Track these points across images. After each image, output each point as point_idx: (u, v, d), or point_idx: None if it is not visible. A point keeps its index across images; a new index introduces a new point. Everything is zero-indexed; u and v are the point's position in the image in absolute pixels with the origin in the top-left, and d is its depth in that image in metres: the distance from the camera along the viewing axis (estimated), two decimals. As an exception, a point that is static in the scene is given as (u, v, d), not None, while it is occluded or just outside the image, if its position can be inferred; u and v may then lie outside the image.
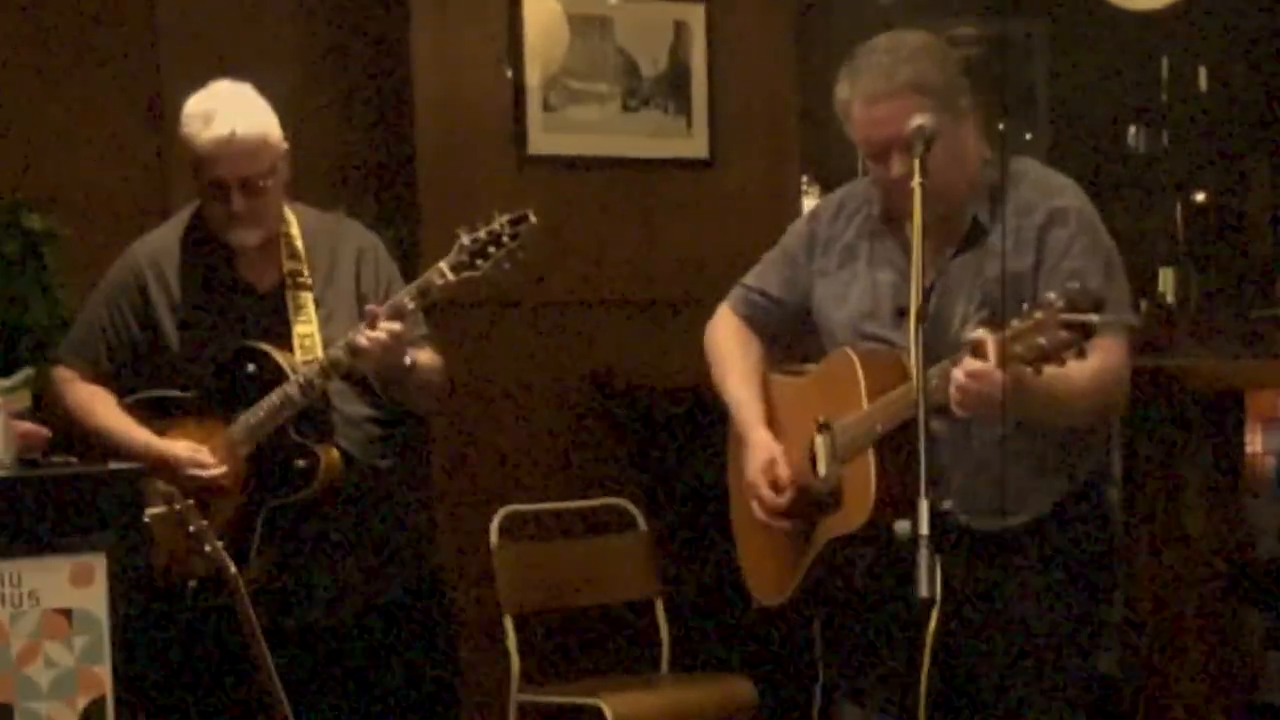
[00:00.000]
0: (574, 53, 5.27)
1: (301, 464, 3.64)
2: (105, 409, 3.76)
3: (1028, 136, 6.94)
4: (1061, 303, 2.71)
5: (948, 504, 3.10)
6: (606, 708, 4.61)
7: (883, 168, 3.14)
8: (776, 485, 3.29)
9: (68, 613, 3.03)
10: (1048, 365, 2.76)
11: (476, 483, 5.15)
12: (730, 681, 4.89)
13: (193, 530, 3.46)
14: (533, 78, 5.20)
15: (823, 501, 3.24)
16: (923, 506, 2.68)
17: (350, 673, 3.74)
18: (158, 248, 3.80)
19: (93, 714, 3.03)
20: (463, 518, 5.08)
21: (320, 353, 3.63)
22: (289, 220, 3.76)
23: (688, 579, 5.25)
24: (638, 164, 5.39)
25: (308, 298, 3.71)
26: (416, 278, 3.64)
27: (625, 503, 5.24)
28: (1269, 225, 7.01)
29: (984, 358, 2.83)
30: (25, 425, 3.35)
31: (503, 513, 5.08)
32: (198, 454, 3.66)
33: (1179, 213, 6.93)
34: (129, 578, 3.06)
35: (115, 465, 3.29)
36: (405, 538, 3.84)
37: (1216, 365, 4.09)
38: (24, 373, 3.57)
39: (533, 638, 5.07)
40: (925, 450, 2.73)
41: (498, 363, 5.20)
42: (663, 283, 5.37)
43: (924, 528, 2.67)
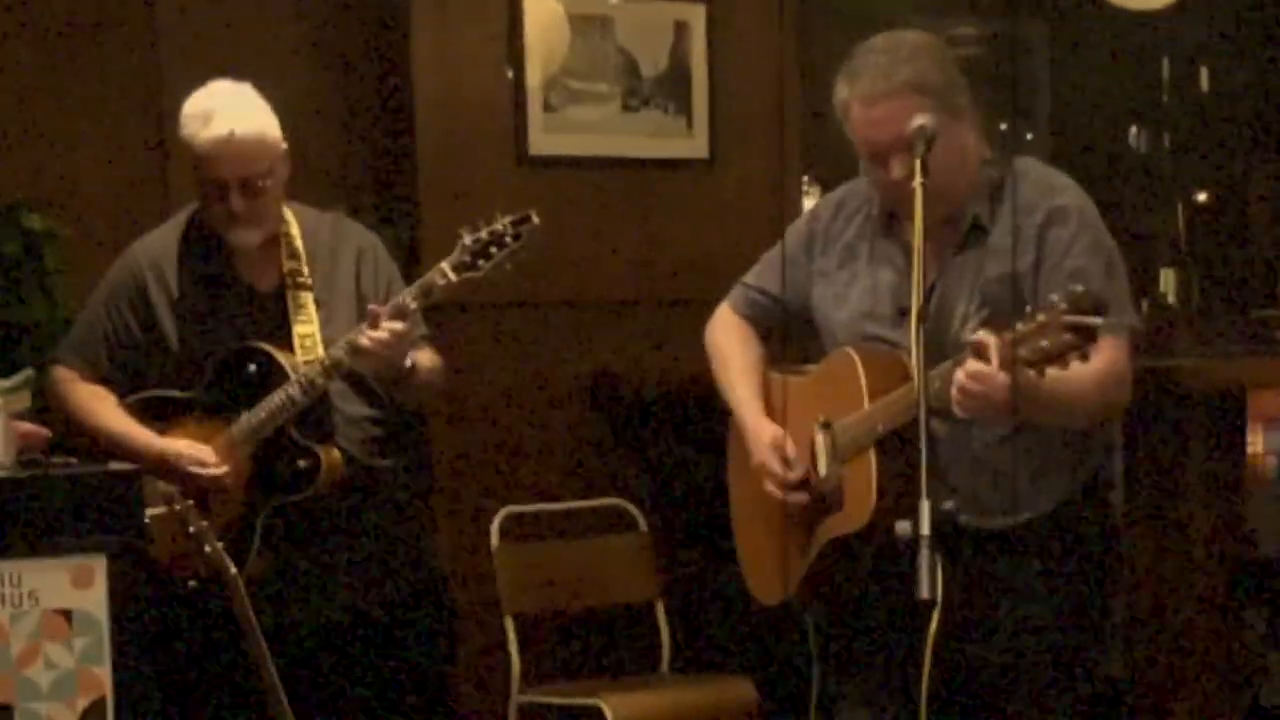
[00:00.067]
0: (574, 53, 5.26)
1: (302, 464, 3.64)
2: (105, 409, 3.75)
3: (1028, 136, 6.93)
4: (1065, 305, 2.71)
5: (949, 504, 3.10)
6: (607, 708, 4.61)
7: (881, 168, 3.13)
8: (786, 461, 3.28)
9: (68, 613, 3.02)
10: (1050, 367, 2.75)
11: (477, 483, 5.15)
12: (730, 682, 4.88)
13: (193, 531, 3.45)
14: (533, 78, 5.19)
15: (824, 501, 3.23)
16: (923, 507, 2.68)
17: (350, 673, 3.74)
18: (158, 248, 3.80)
19: (93, 715, 3.02)
20: (463, 518, 5.08)
21: (321, 353, 3.63)
22: (289, 220, 3.75)
23: (688, 579, 5.25)
24: (638, 164, 5.39)
25: (308, 298, 3.71)
26: (417, 278, 3.64)
27: (625, 503, 5.23)
28: (1270, 225, 7.00)
29: (986, 359, 2.83)
30: (25, 425, 3.35)
31: (503, 513, 5.08)
32: (199, 452, 3.65)
33: (1180, 213, 6.91)
34: (129, 578, 3.06)
35: (115, 465, 3.29)
36: (405, 538, 3.83)
37: (1218, 365, 4.09)
38: (24, 373, 3.56)
39: (533, 638, 5.06)
40: (926, 450, 2.73)
41: (498, 363, 5.20)
42: (663, 283, 5.36)
43: (925, 528, 2.67)
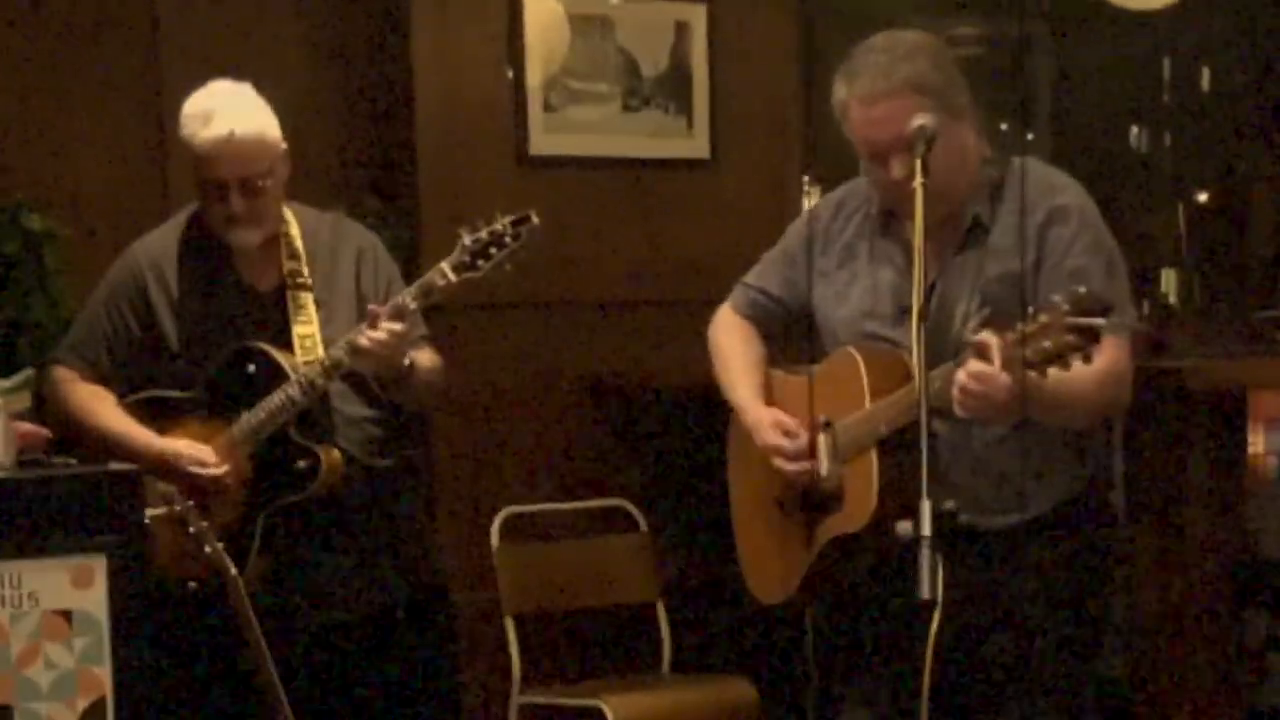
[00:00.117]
0: (575, 53, 5.26)
1: (302, 465, 3.64)
2: (105, 409, 3.75)
3: (1029, 137, 6.92)
4: (1068, 306, 2.70)
5: (949, 504, 3.09)
6: (607, 709, 4.60)
7: (881, 168, 3.13)
8: (790, 434, 3.27)
9: (68, 614, 3.02)
10: (1053, 368, 2.75)
11: (477, 484, 5.14)
12: (731, 682, 4.88)
13: (193, 531, 3.45)
14: (533, 78, 5.19)
15: (825, 501, 3.23)
16: (924, 507, 2.67)
17: (351, 674, 3.73)
18: (157, 248, 3.79)
19: (93, 715, 3.02)
20: (463, 518, 5.08)
21: (321, 353, 3.63)
22: (289, 220, 3.75)
23: (688, 580, 5.25)
24: (638, 164, 5.39)
25: (308, 298, 3.71)
26: (417, 278, 3.64)
27: (626, 504, 5.23)
28: (1271, 225, 6.99)
29: (988, 360, 2.83)
30: (25, 426, 3.35)
31: (503, 514, 5.08)
32: (199, 452, 3.65)
33: (1181, 213, 6.91)
34: (129, 579, 3.05)
35: (115, 465, 3.28)
36: (406, 538, 3.83)
37: (1219, 365, 4.07)
38: (24, 373, 3.56)
39: (533, 639, 5.06)
40: (926, 450, 2.72)
41: (498, 363, 5.19)
42: (662, 283, 5.36)
43: (925, 528, 2.66)
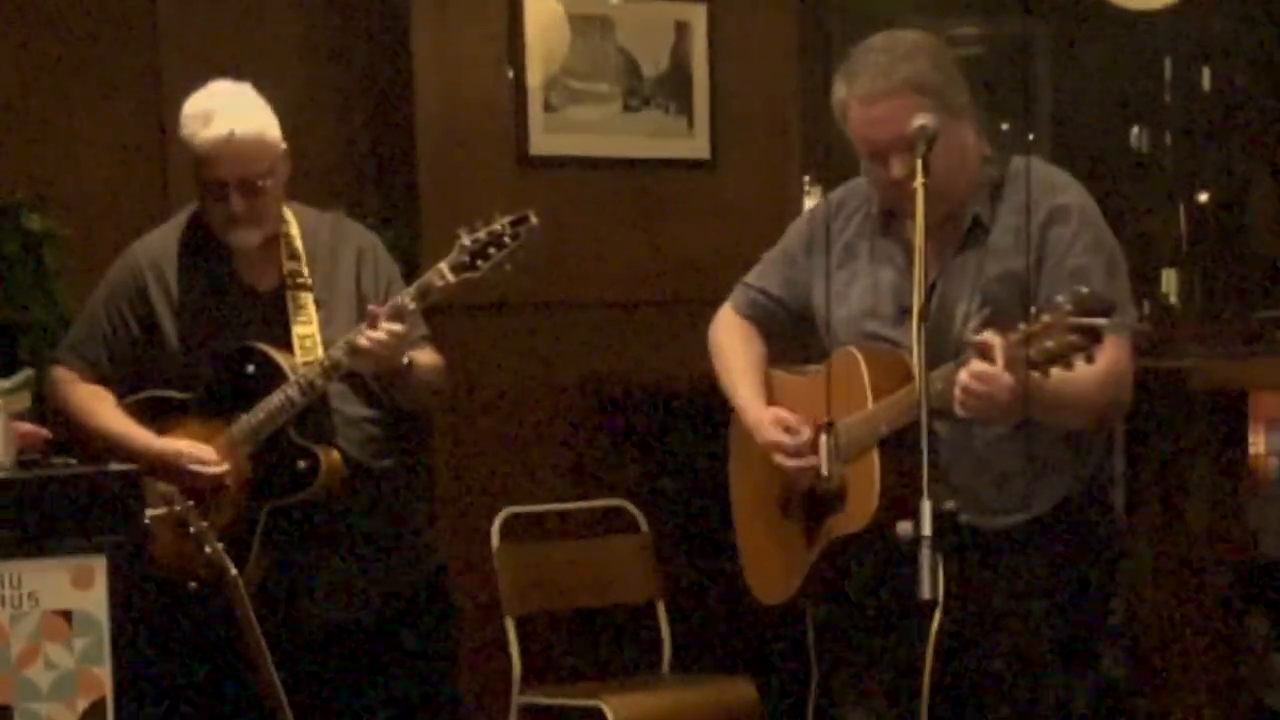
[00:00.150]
0: (575, 53, 5.25)
1: (302, 465, 3.63)
2: (105, 409, 3.75)
3: (1030, 137, 6.92)
4: (1070, 306, 2.70)
5: (950, 504, 3.09)
6: (608, 709, 4.60)
7: (881, 167, 3.12)
8: (790, 430, 3.27)
9: (68, 614, 3.02)
10: (1055, 368, 2.75)
11: (477, 484, 5.14)
12: (732, 682, 4.88)
13: (193, 531, 3.45)
14: (533, 78, 5.19)
15: (826, 501, 3.23)
16: (924, 507, 2.67)
17: (351, 674, 3.73)
18: (158, 248, 3.79)
19: (93, 715, 3.02)
20: (463, 519, 5.07)
21: (320, 353, 3.62)
22: (289, 220, 3.75)
23: (689, 580, 5.25)
24: (638, 164, 5.38)
25: (308, 298, 3.70)
26: (417, 278, 3.64)
27: (626, 504, 5.23)
28: (1272, 225, 6.99)
29: (990, 360, 2.82)
30: (25, 426, 3.35)
31: (504, 514, 5.07)
32: (199, 451, 3.65)
33: (1182, 213, 6.91)
34: (129, 579, 3.06)
35: (115, 466, 3.29)
36: (405, 539, 3.83)
37: (1219, 366, 4.07)
38: (24, 373, 3.56)
39: (534, 639, 5.06)
40: (927, 450, 2.72)
41: (498, 363, 5.19)
42: (663, 283, 5.36)
43: (926, 528, 2.66)
